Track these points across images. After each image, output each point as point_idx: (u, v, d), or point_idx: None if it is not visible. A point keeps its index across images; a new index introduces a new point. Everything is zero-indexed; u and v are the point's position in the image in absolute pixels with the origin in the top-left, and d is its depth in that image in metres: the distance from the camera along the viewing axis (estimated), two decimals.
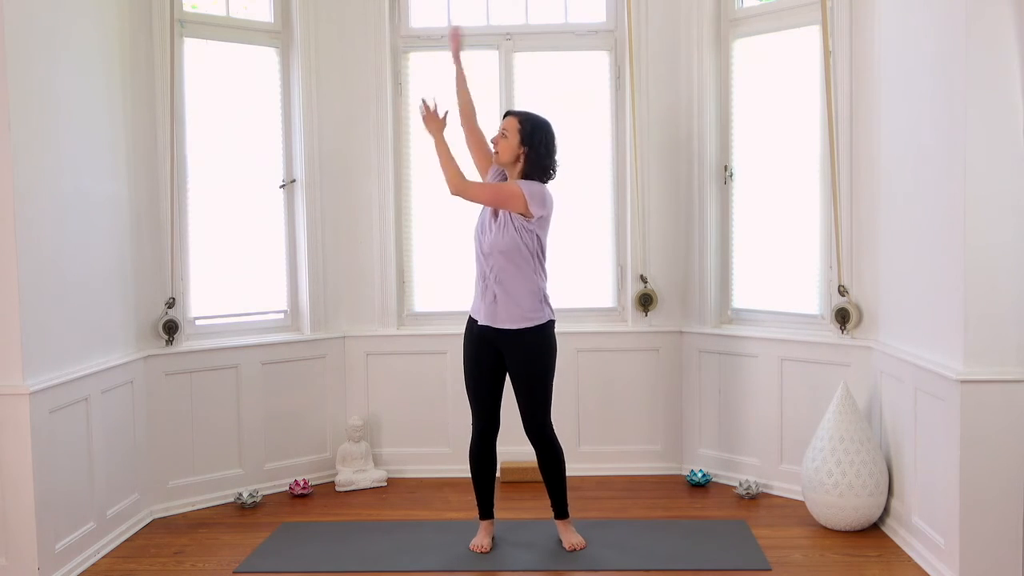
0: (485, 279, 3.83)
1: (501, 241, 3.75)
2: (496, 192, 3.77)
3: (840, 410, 4.06)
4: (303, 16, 4.89)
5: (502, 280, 3.78)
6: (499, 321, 3.80)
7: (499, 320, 3.80)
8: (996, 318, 3.37)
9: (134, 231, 4.39)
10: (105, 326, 4.13)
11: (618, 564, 3.79)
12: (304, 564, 3.87)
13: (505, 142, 3.81)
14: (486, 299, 3.83)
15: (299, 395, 4.97)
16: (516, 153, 3.81)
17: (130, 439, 4.30)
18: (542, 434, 3.89)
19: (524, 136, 3.80)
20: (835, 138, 4.34)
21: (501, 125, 3.86)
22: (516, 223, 3.74)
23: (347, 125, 5.04)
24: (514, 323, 3.79)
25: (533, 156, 3.80)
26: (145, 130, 4.44)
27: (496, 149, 3.85)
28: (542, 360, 3.85)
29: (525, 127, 3.81)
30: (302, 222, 4.95)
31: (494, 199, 3.76)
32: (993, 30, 3.32)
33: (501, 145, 3.83)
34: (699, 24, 4.86)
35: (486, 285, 3.83)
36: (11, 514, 3.53)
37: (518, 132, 3.80)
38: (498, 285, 3.78)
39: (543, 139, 3.82)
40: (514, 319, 3.79)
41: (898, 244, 4.04)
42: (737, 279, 4.95)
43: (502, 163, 3.86)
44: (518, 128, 3.81)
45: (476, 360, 3.91)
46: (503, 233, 3.75)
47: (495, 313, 3.80)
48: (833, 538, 4.03)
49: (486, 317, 3.83)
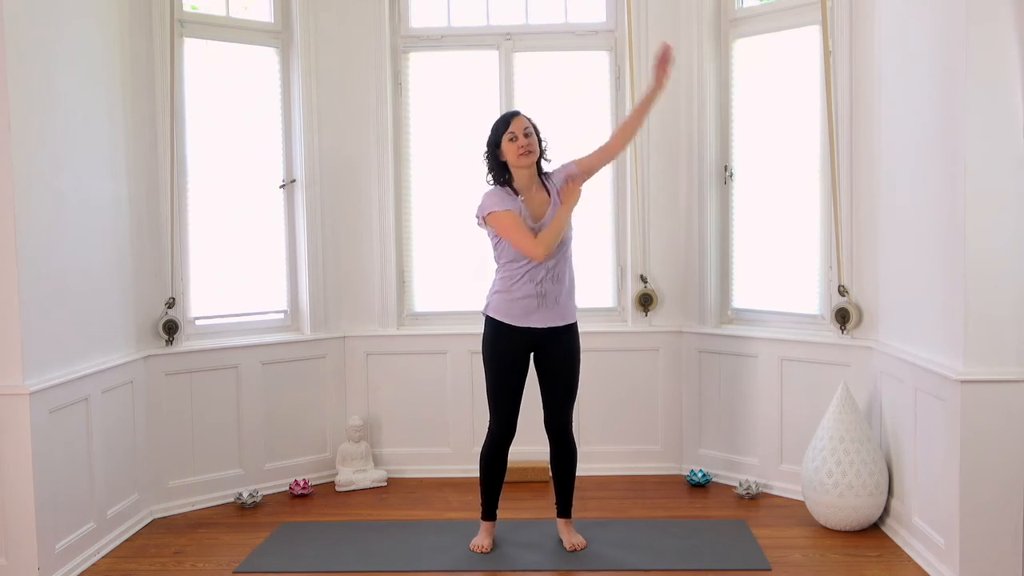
0: (538, 281, 3.75)
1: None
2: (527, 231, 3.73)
3: (840, 410, 4.06)
4: (303, 16, 4.89)
5: (561, 277, 3.78)
6: (561, 318, 3.81)
7: (561, 317, 3.80)
8: (996, 318, 3.37)
9: (134, 231, 4.39)
10: (105, 326, 4.13)
11: (618, 564, 3.79)
12: (304, 564, 3.87)
13: (532, 141, 3.77)
14: (547, 303, 3.76)
15: (299, 395, 4.97)
16: (538, 149, 3.82)
17: (130, 439, 4.30)
18: (568, 430, 3.92)
19: (537, 131, 3.83)
20: (835, 138, 4.34)
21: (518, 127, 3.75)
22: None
23: (347, 125, 5.04)
24: (571, 317, 3.85)
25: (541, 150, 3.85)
26: (145, 130, 4.44)
27: (530, 148, 3.75)
28: (579, 353, 3.91)
29: (533, 122, 3.83)
30: (302, 222, 4.95)
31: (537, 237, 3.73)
32: (993, 30, 3.32)
33: (532, 145, 3.76)
34: (699, 24, 4.86)
35: (542, 290, 3.75)
36: (11, 514, 3.53)
37: (535, 129, 3.82)
38: (557, 283, 3.77)
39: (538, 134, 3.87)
40: (572, 313, 3.85)
41: (898, 244, 4.04)
42: (737, 279, 4.95)
43: (531, 164, 3.79)
44: (531, 125, 3.81)
45: (514, 365, 3.83)
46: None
47: (558, 313, 3.79)
48: (833, 538, 4.03)
49: (549, 318, 3.77)
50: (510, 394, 3.85)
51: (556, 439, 3.93)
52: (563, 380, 3.87)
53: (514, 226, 3.69)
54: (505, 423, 3.88)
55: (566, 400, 3.90)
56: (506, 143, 3.76)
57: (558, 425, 3.90)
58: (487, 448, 3.93)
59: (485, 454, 3.94)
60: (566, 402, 3.90)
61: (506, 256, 3.78)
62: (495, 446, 3.91)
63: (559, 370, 3.85)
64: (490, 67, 5.07)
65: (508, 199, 3.76)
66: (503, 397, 3.85)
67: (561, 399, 3.88)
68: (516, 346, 3.81)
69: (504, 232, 3.71)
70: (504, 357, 3.83)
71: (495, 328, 3.83)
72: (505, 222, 3.69)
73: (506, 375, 3.83)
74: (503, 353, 3.83)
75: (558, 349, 3.84)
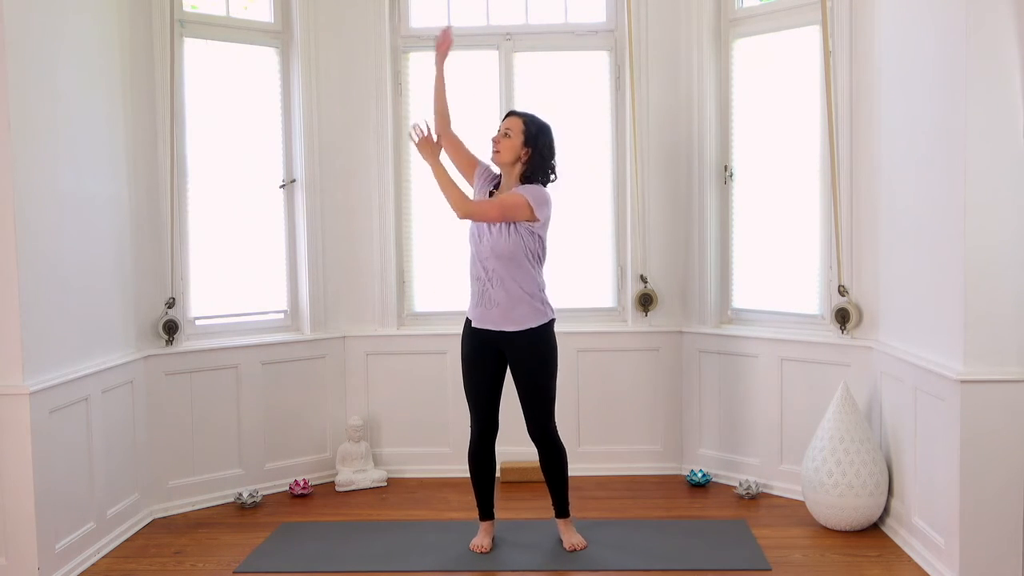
0: (482, 282, 3.79)
1: (501, 244, 3.72)
2: (503, 207, 3.70)
3: (840, 410, 4.06)
4: (303, 16, 4.89)
5: (503, 282, 3.74)
6: (500, 324, 3.78)
7: (500, 323, 3.78)
8: (996, 318, 3.37)
9: (134, 231, 4.39)
10: (105, 326, 4.14)
11: (618, 564, 3.79)
12: (304, 564, 3.87)
13: (508, 141, 3.78)
14: (484, 302, 3.79)
15: (299, 395, 4.97)
16: (518, 154, 3.78)
17: (130, 439, 4.30)
18: (544, 435, 3.89)
19: (528, 137, 3.78)
20: (835, 138, 4.34)
21: (503, 124, 3.83)
22: (520, 226, 3.72)
23: (347, 125, 5.04)
24: (516, 324, 3.77)
25: (536, 158, 3.79)
26: (145, 130, 4.44)
27: (497, 148, 3.80)
28: (544, 360, 3.83)
29: (530, 128, 3.79)
30: (302, 222, 4.95)
31: (502, 214, 3.70)
32: (993, 30, 3.32)
33: (503, 144, 3.79)
34: (699, 24, 4.86)
35: (483, 288, 3.79)
36: (11, 514, 3.53)
37: (522, 133, 3.78)
38: (498, 287, 3.75)
39: (546, 142, 3.81)
40: (515, 320, 3.77)
41: (898, 244, 4.04)
42: (737, 279, 4.95)
43: (502, 162, 3.82)
44: (523, 129, 3.78)
45: (475, 363, 3.88)
46: (503, 236, 3.72)
47: (496, 316, 3.78)
48: (833, 538, 4.03)
49: (485, 320, 3.80)
50: (474, 391, 3.90)
51: (538, 443, 3.93)
52: (525, 387, 3.84)
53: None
54: (478, 419, 3.93)
55: (531, 406, 3.85)
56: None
57: (533, 429, 3.89)
58: (470, 447, 3.98)
59: (469, 453, 3.98)
60: (532, 408, 3.85)
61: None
62: (475, 443, 3.95)
63: (519, 376, 3.84)
64: (490, 67, 5.07)
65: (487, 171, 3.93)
66: (469, 394, 3.93)
67: (527, 405, 3.86)
68: (474, 341, 3.87)
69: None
70: (465, 351, 3.91)
71: (465, 323, 3.92)
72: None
73: (468, 372, 3.91)
74: (463, 348, 3.92)
75: (515, 356, 3.82)
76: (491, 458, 3.97)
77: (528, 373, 3.81)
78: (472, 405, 3.94)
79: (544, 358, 3.83)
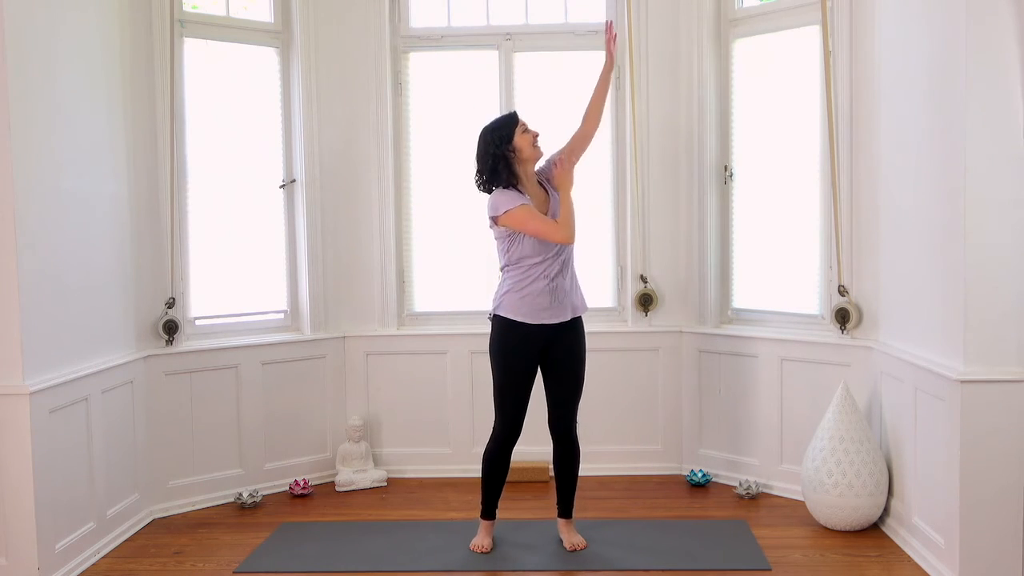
0: (550, 277, 3.76)
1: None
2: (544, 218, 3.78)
3: (840, 410, 4.06)
4: (303, 16, 4.89)
5: (572, 270, 3.84)
6: (577, 309, 3.85)
7: (577, 308, 3.85)
8: (996, 318, 3.37)
9: (134, 231, 4.39)
10: (105, 326, 4.14)
11: (618, 564, 3.79)
12: (304, 564, 3.87)
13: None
14: (558, 295, 3.77)
15: (299, 395, 4.97)
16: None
17: (130, 439, 4.30)
18: (570, 430, 3.93)
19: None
20: (835, 138, 4.34)
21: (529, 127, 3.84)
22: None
23: (347, 125, 5.04)
24: (585, 306, 3.91)
25: None
26: (145, 130, 4.44)
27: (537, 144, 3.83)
28: (584, 352, 3.93)
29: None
30: (302, 222, 4.95)
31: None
32: (993, 30, 3.32)
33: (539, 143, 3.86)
34: (699, 24, 4.86)
35: (554, 283, 3.76)
36: (11, 514, 3.53)
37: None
38: (569, 277, 3.82)
39: None
40: (584, 303, 3.90)
41: (898, 244, 4.04)
42: (737, 279, 4.95)
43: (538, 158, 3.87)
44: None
45: (527, 369, 3.83)
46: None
47: (571, 305, 3.82)
48: (833, 538, 4.03)
49: (561, 313, 3.79)
50: (518, 396, 3.83)
51: (560, 440, 3.92)
52: (569, 380, 3.86)
53: (532, 216, 3.71)
54: (511, 424, 3.86)
55: (571, 401, 3.89)
56: (519, 136, 3.79)
57: (564, 427, 3.90)
58: (491, 448, 3.91)
59: (489, 454, 3.92)
60: (571, 403, 3.89)
61: (518, 254, 3.76)
62: (499, 446, 3.89)
63: (566, 370, 3.84)
64: (490, 67, 5.07)
65: (518, 196, 3.76)
66: (510, 398, 3.83)
67: (566, 400, 3.88)
68: (527, 345, 3.79)
69: (523, 225, 3.70)
70: (514, 357, 3.80)
71: (507, 328, 3.79)
72: (522, 215, 3.70)
73: (516, 376, 3.82)
74: (513, 353, 3.80)
75: (565, 347, 3.83)
76: (508, 461, 3.95)
77: (576, 362, 3.86)
78: (513, 408, 3.84)
79: (585, 350, 3.93)
